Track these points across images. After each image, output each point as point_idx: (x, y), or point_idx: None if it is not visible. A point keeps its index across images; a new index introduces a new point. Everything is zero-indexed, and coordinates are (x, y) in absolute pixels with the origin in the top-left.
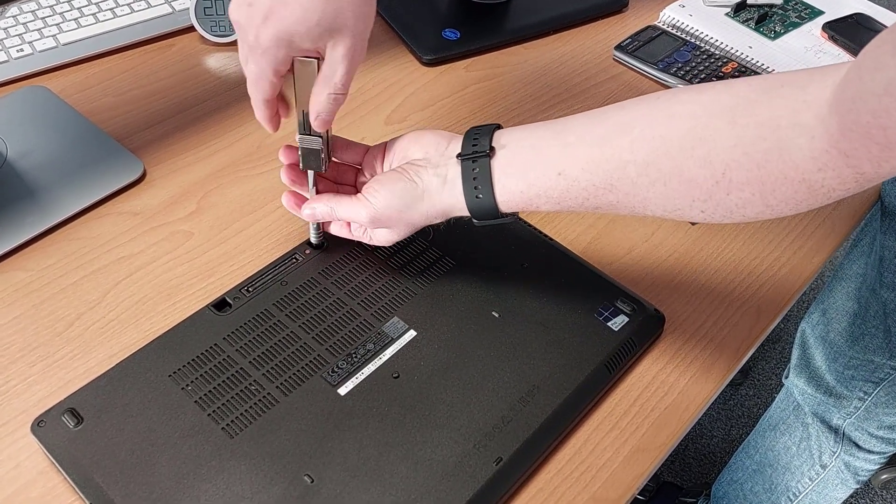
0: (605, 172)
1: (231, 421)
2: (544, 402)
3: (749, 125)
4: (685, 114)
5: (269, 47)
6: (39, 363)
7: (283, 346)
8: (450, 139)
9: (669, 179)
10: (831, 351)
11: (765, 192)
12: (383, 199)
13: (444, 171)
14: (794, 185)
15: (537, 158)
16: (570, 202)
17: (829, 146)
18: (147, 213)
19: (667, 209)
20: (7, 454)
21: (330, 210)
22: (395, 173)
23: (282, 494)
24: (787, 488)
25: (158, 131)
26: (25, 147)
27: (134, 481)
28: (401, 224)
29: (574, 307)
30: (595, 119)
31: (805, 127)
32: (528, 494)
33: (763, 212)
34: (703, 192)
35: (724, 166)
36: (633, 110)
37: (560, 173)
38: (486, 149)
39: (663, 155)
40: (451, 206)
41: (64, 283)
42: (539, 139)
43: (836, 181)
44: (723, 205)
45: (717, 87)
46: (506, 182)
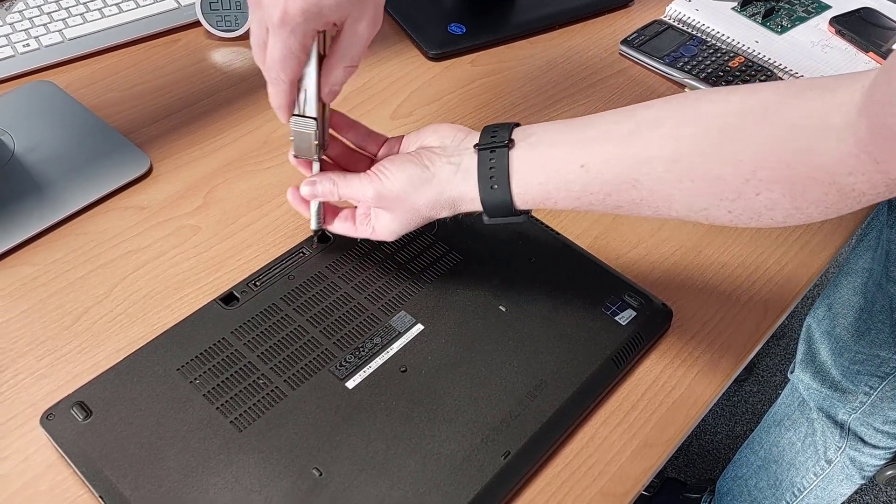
0: (631, 166)
1: (239, 414)
2: (552, 397)
3: (778, 125)
4: (715, 112)
5: (298, 22)
6: (47, 357)
7: (291, 340)
8: (468, 132)
9: (697, 177)
10: (837, 346)
11: (794, 194)
12: (392, 178)
13: (459, 159)
14: (824, 188)
15: (559, 150)
16: (590, 198)
17: (858, 150)
18: (154, 207)
19: (692, 209)
20: (16, 447)
21: (333, 186)
22: (407, 155)
23: (290, 488)
24: (792, 484)
25: (165, 126)
26: (32, 142)
27: (143, 474)
28: (405, 209)
29: (581, 301)
30: (621, 115)
31: (834, 129)
32: (535, 488)
33: (792, 214)
34: (731, 190)
35: (754, 165)
36: (661, 108)
37: (583, 165)
38: (505, 140)
39: (693, 151)
40: (460, 196)
41: (71, 278)
42: (561, 133)
43: (866, 185)
44: (751, 205)
45: (744, 89)
46: (524, 173)
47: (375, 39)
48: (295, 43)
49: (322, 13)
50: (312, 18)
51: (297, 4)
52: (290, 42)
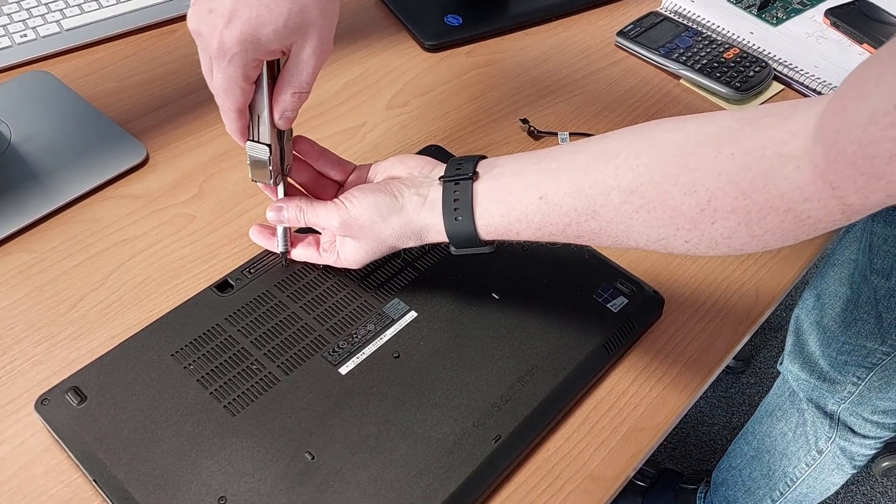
0: (588, 198)
1: (233, 399)
2: (543, 382)
3: (735, 154)
4: (670, 141)
5: (235, 52)
6: (43, 343)
7: (285, 327)
8: (435, 164)
9: (654, 207)
10: (825, 336)
11: (750, 222)
12: (359, 207)
13: (426, 191)
14: (780, 215)
15: (520, 182)
16: (551, 228)
17: (814, 177)
18: (149, 196)
19: (650, 239)
20: (12, 432)
21: (299, 213)
22: (376, 185)
23: (283, 471)
24: (785, 474)
25: (161, 116)
26: (29, 131)
27: (137, 458)
28: (370, 237)
29: (573, 289)
30: (579, 147)
31: (790, 157)
32: (527, 472)
33: (749, 242)
34: (687, 220)
35: (710, 195)
36: (617, 139)
37: (542, 197)
38: (469, 172)
39: (648, 182)
40: (426, 227)
41: (67, 265)
42: (522, 165)
43: (822, 212)
44: (707, 234)
45: (700, 118)
46: (486, 206)
47: (372, 30)
48: (235, 72)
49: (259, 42)
50: (250, 49)
51: (233, 35)
52: (229, 71)
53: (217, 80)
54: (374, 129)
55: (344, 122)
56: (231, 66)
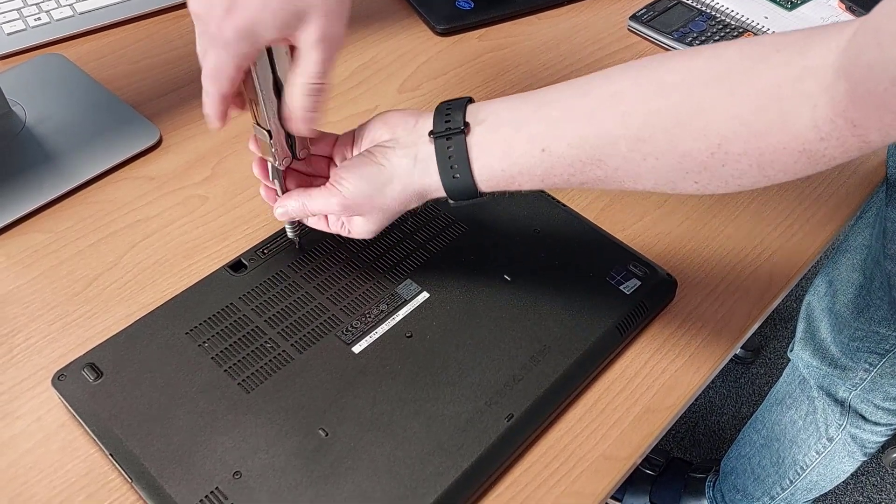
0: (594, 147)
1: (247, 377)
2: (555, 362)
3: (747, 95)
4: (678, 83)
5: (230, 41)
6: (58, 321)
7: (298, 306)
8: (418, 116)
9: (663, 153)
10: (837, 322)
11: (763, 164)
12: (352, 185)
13: (415, 150)
14: (794, 156)
15: (518, 134)
16: (554, 179)
17: (834, 115)
18: (163, 177)
19: (658, 183)
20: (28, 408)
21: (301, 205)
22: (361, 157)
23: (297, 447)
24: (795, 462)
25: (174, 99)
26: (43, 113)
27: (152, 433)
28: (374, 211)
29: (586, 271)
30: (580, 90)
31: (807, 95)
32: (539, 451)
33: (759, 181)
34: (697, 164)
35: (720, 138)
36: (620, 80)
37: (544, 150)
38: (460, 125)
39: (657, 128)
40: (426, 188)
41: (82, 245)
42: (519, 114)
43: (838, 150)
44: (718, 176)
45: (707, 53)
46: (485, 161)
47: (384, 14)
48: (227, 60)
49: (256, 34)
50: (246, 38)
51: (232, 24)
52: (221, 58)
53: (208, 63)
54: None
55: (356, 105)
56: (225, 53)
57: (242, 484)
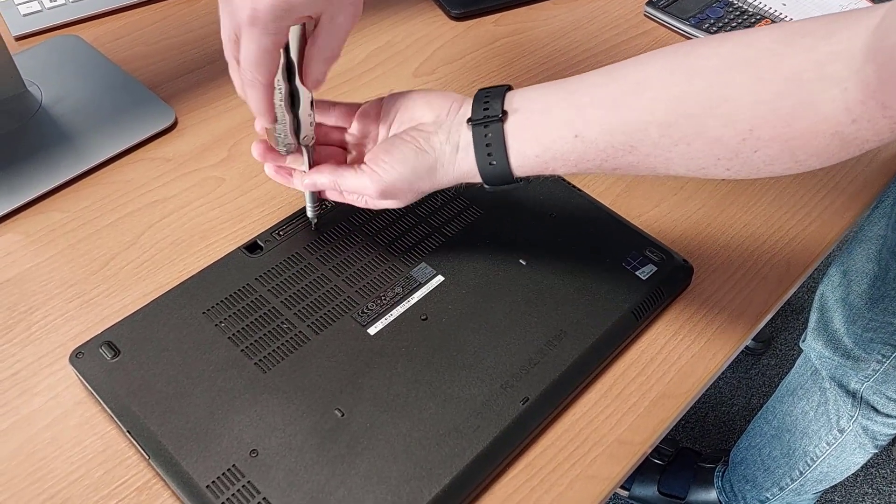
0: (625, 134)
1: (264, 357)
2: (571, 347)
3: (774, 80)
4: (705, 69)
5: (268, 21)
6: (76, 300)
7: (314, 288)
8: (462, 101)
9: (693, 139)
10: (850, 313)
11: (794, 148)
12: (393, 171)
13: (457, 137)
14: (826, 139)
15: (552, 121)
16: (587, 164)
17: (864, 97)
18: (179, 159)
19: (690, 168)
20: (46, 384)
21: (333, 184)
22: (402, 141)
23: (313, 426)
24: (805, 453)
25: (190, 81)
26: (60, 94)
27: (170, 411)
28: (410, 194)
29: (602, 256)
30: (610, 77)
31: (835, 79)
32: (554, 434)
33: (791, 167)
34: (728, 150)
35: (751, 124)
36: (649, 66)
37: (577, 136)
38: (497, 113)
39: (683, 115)
40: (464, 174)
41: (99, 225)
42: (552, 101)
43: (870, 132)
44: (749, 162)
45: (734, 38)
46: (520, 147)
47: None
48: (269, 42)
49: (293, 9)
50: (283, 16)
51: (267, 2)
52: (263, 42)
53: (249, 52)
54: None
55: (370, 89)
56: (265, 36)
57: (259, 462)
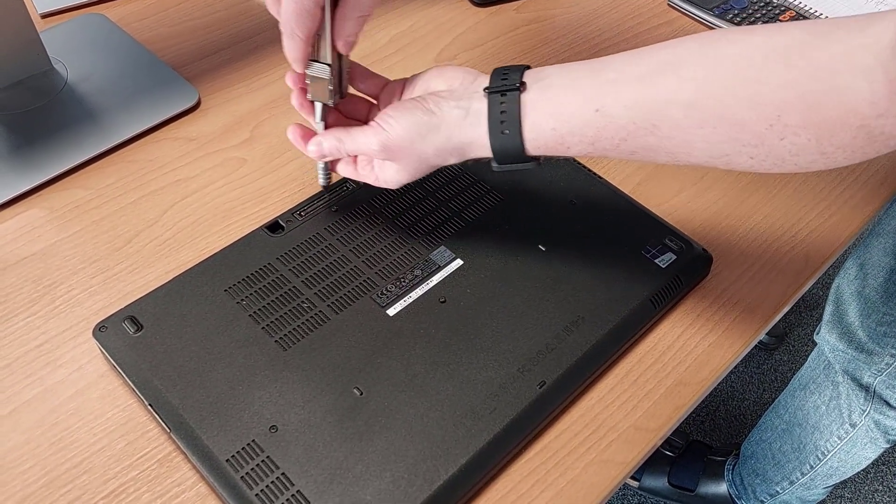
0: (648, 111)
1: (284, 335)
2: (589, 332)
3: (805, 67)
4: (736, 54)
5: None
6: (99, 276)
7: (334, 269)
8: (477, 75)
9: (717, 122)
10: (865, 306)
11: (821, 138)
12: (398, 126)
13: (468, 103)
14: (853, 132)
15: (573, 94)
16: (604, 143)
17: (890, 91)
18: (202, 139)
19: (712, 155)
20: (70, 357)
21: (338, 143)
22: (412, 101)
23: (332, 404)
24: (816, 447)
25: (214, 61)
26: (85, 72)
27: (191, 385)
28: (412, 158)
29: (621, 243)
30: (638, 56)
31: (865, 71)
32: (570, 418)
33: (817, 160)
34: (754, 136)
35: (779, 109)
36: (679, 48)
37: (598, 110)
38: (516, 83)
39: (711, 95)
40: (470, 142)
41: (122, 202)
42: (575, 75)
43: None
44: (775, 151)
45: (769, 28)
46: (536, 118)
47: None
48: (309, 1)
49: None
50: None
51: None
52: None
53: (289, 7)
54: None
55: (392, 73)
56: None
57: (278, 438)
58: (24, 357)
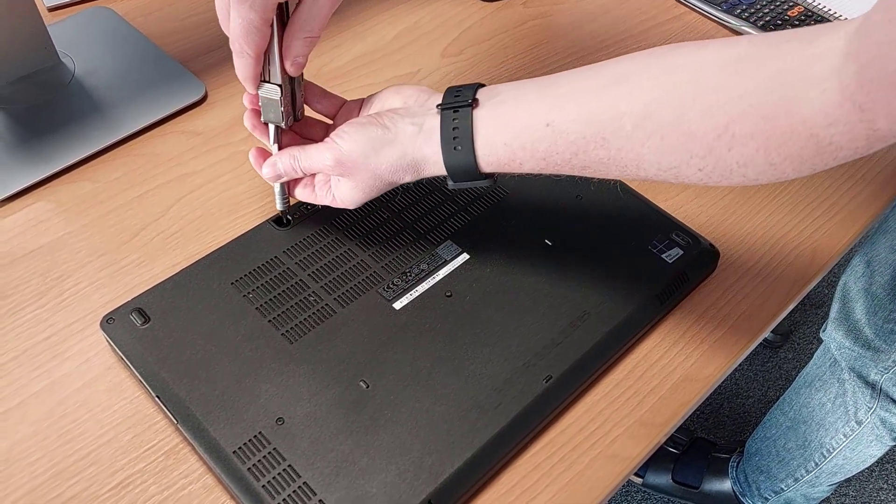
0: (599, 124)
1: (290, 328)
2: (595, 328)
3: (757, 77)
4: (687, 66)
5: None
6: (106, 269)
7: (341, 262)
8: (431, 93)
9: (668, 133)
10: (872, 304)
11: (769, 149)
12: (350, 142)
13: (422, 120)
14: (802, 141)
15: (524, 108)
16: (556, 158)
17: (842, 99)
18: (208, 133)
19: (662, 167)
20: (77, 349)
21: (293, 161)
22: (367, 118)
23: (338, 397)
24: (821, 445)
25: (219, 56)
26: (92, 65)
27: (198, 378)
28: (366, 174)
29: (628, 239)
30: (588, 71)
31: (816, 79)
32: (576, 413)
33: (765, 171)
34: (702, 146)
35: (728, 119)
36: (629, 63)
37: (549, 124)
38: (468, 99)
39: (663, 105)
40: (423, 159)
41: (129, 196)
42: (527, 91)
43: (845, 138)
44: (723, 162)
45: (718, 42)
46: (488, 134)
47: None
48: (255, 17)
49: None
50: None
51: None
52: (250, 17)
53: (236, 25)
54: (428, 76)
55: (398, 68)
56: (252, 11)
57: (285, 430)
58: (31, 349)
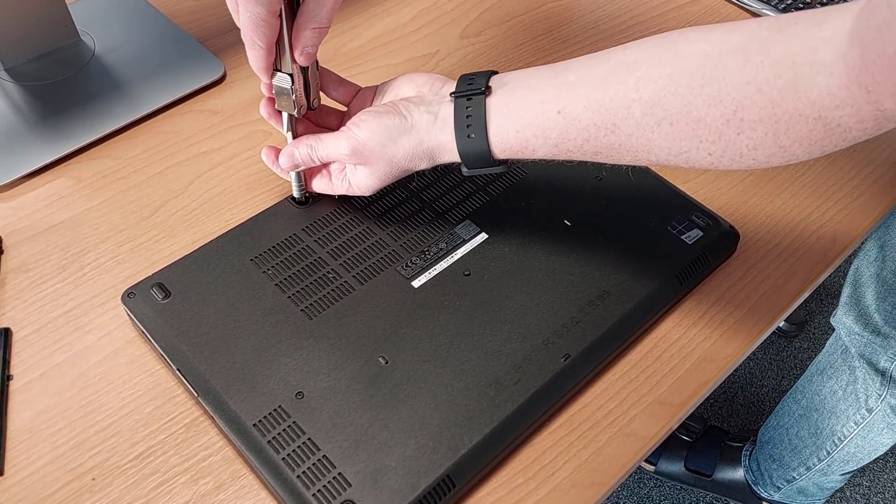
0: (609, 111)
1: (310, 304)
2: (614, 307)
3: (763, 63)
4: (694, 52)
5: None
6: (127, 244)
7: (359, 240)
8: (445, 81)
9: (677, 119)
10: (882, 289)
11: (778, 132)
12: (367, 130)
13: (437, 108)
14: (810, 124)
15: (536, 96)
16: (568, 145)
17: (849, 81)
18: (227, 112)
19: (672, 152)
20: (98, 323)
21: (309, 150)
22: (383, 106)
23: (357, 372)
24: (833, 433)
25: (238, 35)
26: (112, 43)
27: (218, 352)
28: (382, 161)
29: (648, 219)
30: (598, 59)
31: (823, 63)
32: (595, 392)
33: (775, 154)
34: (711, 132)
35: (736, 104)
36: (637, 50)
37: (560, 111)
38: (481, 87)
39: (671, 93)
40: (439, 146)
41: (149, 173)
42: (538, 79)
43: (853, 119)
44: (732, 146)
45: (725, 27)
46: (500, 121)
47: None
48: (263, 11)
49: None
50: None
51: None
52: (257, 10)
53: (245, 19)
54: (447, 58)
55: (417, 49)
56: (258, 6)
57: (304, 404)
58: (53, 322)
